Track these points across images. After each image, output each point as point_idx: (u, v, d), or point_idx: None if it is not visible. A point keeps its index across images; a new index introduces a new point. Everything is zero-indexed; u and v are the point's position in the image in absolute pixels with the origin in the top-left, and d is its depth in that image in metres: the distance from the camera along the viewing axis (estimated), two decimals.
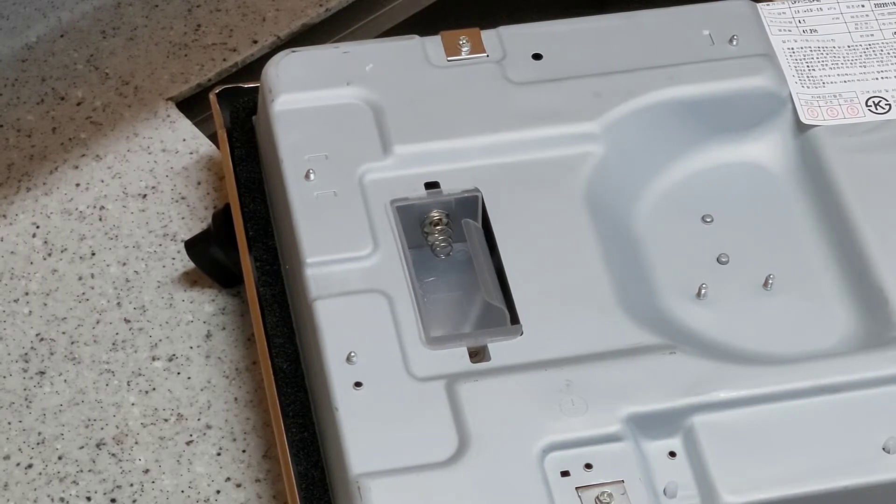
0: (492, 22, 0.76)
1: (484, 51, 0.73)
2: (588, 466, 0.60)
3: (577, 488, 0.60)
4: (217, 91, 0.76)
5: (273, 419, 0.65)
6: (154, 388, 0.73)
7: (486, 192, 0.68)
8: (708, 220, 0.70)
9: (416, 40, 0.74)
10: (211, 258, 0.74)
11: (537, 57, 0.73)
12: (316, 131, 0.70)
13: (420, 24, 0.79)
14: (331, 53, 0.73)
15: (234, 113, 0.75)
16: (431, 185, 0.69)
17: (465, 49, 0.73)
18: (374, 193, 0.68)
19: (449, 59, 0.73)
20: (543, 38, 0.74)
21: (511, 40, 0.74)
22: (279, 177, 0.69)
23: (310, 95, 0.71)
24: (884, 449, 0.61)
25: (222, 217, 0.74)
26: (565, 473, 0.60)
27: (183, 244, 0.77)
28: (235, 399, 0.72)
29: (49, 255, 0.78)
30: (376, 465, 0.59)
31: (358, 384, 0.62)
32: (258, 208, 0.72)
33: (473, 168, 0.69)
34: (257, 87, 0.73)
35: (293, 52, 0.73)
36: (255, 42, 0.87)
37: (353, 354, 0.63)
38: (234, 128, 0.75)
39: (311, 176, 0.68)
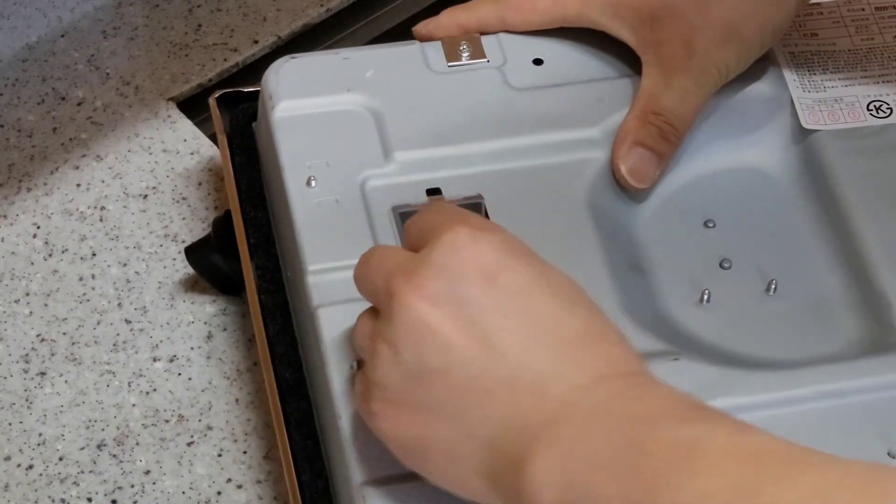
0: None
1: (484, 56, 0.73)
2: None
3: None
4: (217, 95, 0.75)
5: (276, 429, 0.64)
6: (155, 389, 0.73)
7: (489, 198, 0.68)
8: (710, 225, 0.70)
9: (416, 46, 0.74)
10: (211, 265, 0.74)
11: (538, 62, 0.73)
12: (317, 138, 0.70)
13: None
14: (331, 59, 0.73)
15: (233, 119, 0.75)
16: (433, 192, 0.69)
17: (465, 54, 0.73)
18: (376, 200, 0.68)
19: (450, 64, 0.73)
20: (544, 43, 0.74)
21: (511, 45, 0.73)
22: (280, 184, 0.68)
23: (310, 102, 0.71)
24: (889, 454, 0.61)
25: (223, 224, 0.73)
26: None
27: (183, 246, 0.77)
28: (236, 400, 0.73)
29: (50, 255, 0.78)
30: (379, 472, 0.59)
31: None
32: (259, 215, 0.72)
33: (475, 174, 0.69)
34: (258, 90, 0.73)
35: (293, 58, 0.73)
36: (256, 42, 0.87)
37: (355, 363, 0.63)
38: (234, 133, 0.74)
39: (313, 183, 0.68)
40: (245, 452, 0.71)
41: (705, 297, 0.67)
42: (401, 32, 0.86)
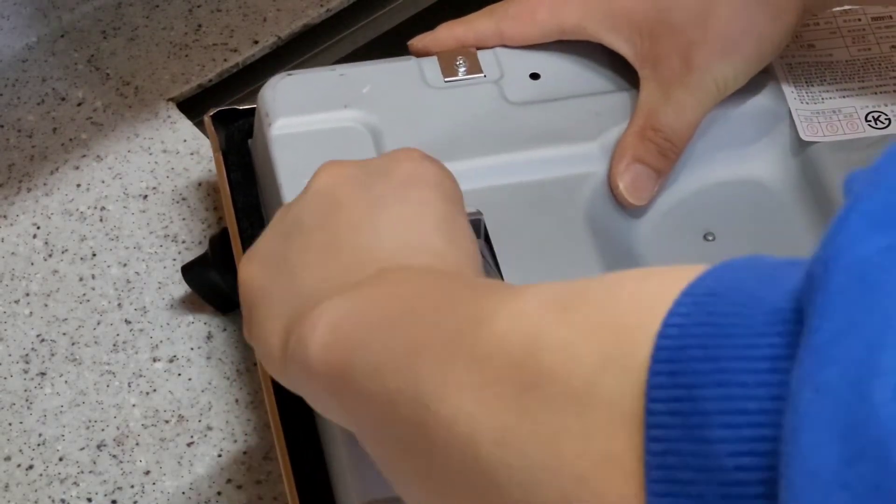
0: None
1: (481, 71, 0.73)
2: None
3: None
4: (212, 113, 0.75)
5: (280, 455, 0.64)
6: (155, 390, 0.73)
7: (488, 214, 0.68)
8: (710, 238, 0.70)
9: (413, 61, 0.73)
10: (209, 283, 0.74)
11: (535, 76, 0.73)
12: (314, 155, 0.68)
13: (421, 25, 0.79)
14: (327, 76, 0.72)
15: (229, 135, 0.74)
16: None
17: (462, 69, 0.73)
18: None
19: (446, 79, 0.72)
20: (541, 57, 0.73)
21: (508, 60, 0.73)
22: (278, 202, 0.68)
23: (307, 119, 0.70)
24: None
25: (219, 241, 0.73)
26: None
27: (183, 246, 0.77)
28: (236, 400, 0.73)
29: (50, 255, 0.78)
30: (381, 492, 0.59)
31: None
32: (256, 232, 0.70)
33: (473, 190, 0.68)
34: (253, 108, 0.73)
35: (289, 75, 0.72)
36: (256, 42, 0.87)
37: None
38: (230, 150, 0.74)
39: None
40: (245, 453, 0.71)
41: None
42: (400, 33, 0.86)
